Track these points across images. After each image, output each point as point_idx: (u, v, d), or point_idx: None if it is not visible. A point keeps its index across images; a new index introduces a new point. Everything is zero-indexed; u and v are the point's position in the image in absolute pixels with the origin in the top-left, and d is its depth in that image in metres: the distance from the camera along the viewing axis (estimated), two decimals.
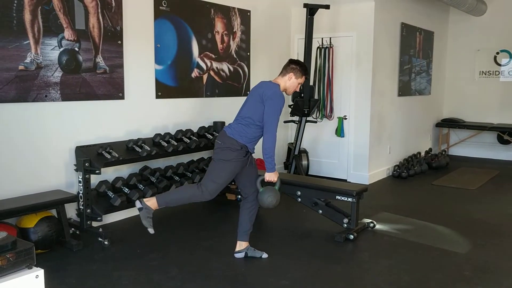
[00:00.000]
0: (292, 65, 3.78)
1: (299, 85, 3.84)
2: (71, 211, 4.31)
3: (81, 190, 4.17)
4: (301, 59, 6.43)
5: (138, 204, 3.68)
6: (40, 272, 2.30)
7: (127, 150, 4.56)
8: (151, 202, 3.67)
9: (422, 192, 6.29)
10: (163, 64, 5.16)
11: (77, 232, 4.24)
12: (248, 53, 6.28)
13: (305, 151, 6.80)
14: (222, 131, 3.76)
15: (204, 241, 4.22)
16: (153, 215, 4.99)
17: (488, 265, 3.75)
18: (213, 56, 5.76)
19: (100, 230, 4.13)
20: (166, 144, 4.85)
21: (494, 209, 5.43)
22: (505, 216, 5.16)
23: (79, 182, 4.18)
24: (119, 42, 4.65)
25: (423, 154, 8.25)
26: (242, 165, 3.68)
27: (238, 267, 3.68)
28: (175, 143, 4.90)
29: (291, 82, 3.77)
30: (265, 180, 3.71)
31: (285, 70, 3.79)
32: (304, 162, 6.70)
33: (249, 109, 3.67)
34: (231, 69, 6.05)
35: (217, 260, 3.79)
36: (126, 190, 4.47)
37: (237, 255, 3.83)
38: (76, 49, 4.29)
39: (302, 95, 6.18)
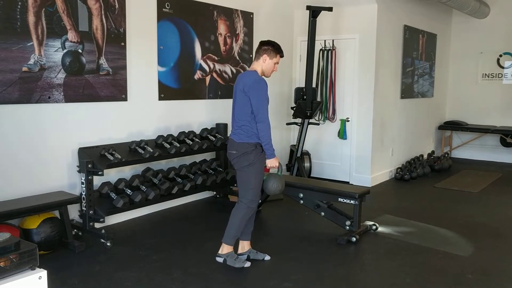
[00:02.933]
0: (264, 46, 3.67)
1: (276, 65, 3.73)
2: (73, 212, 4.32)
3: (83, 191, 4.18)
4: (304, 61, 6.44)
5: (219, 259, 3.71)
6: (43, 273, 2.31)
7: (130, 152, 4.57)
8: (226, 248, 3.70)
9: (424, 195, 6.27)
10: (166, 66, 5.17)
11: (80, 233, 4.25)
12: (251, 55, 6.29)
13: (307, 153, 6.80)
14: (230, 140, 3.70)
15: (206, 243, 4.22)
16: (154, 217, 5.02)
17: (491, 268, 3.74)
18: (216, 58, 5.77)
19: (103, 231, 4.13)
20: (169, 146, 4.86)
21: (496, 212, 5.42)
22: (507, 219, 5.14)
23: (82, 183, 4.19)
24: (122, 44, 4.66)
25: (425, 156, 8.24)
26: (264, 161, 3.65)
27: (241, 269, 3.67)
28: (178, 145, 4.90)
29: (266, 64, 3.67)
30: (267, 167, 3.68)
31: (258, 53, 3.70)
32: (307, 164, 6.70)
33: (240, 107, 3.62)
34: (234, 71, 6.06)
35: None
36: (128, 191, 4.48)
37: (239, 257, 3.82)
38: (80, 50, 4.31)
39: (305, 97, 6.19)
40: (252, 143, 3.58)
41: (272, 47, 3.67)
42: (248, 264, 3.71)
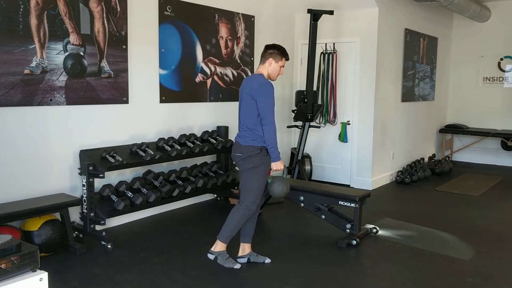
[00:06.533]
0: (269, 50, 3.69)
1: (282, 68, 3.75)
2: (74, 214, 4.33)
3: (84, 194, 4.19)
4: (305, 64, 6.46)
5: (210, 256, 3.74)
6: (44, 275, 2.32)
7: (131, 154, 4.58)
8: (219, 246, 3.74)
9: (425, 198, 6.27)
10: (167, 69, 5.19)
11: (81, 235, 4.25)
12: (252, 58, 6.31)
13: (308, 156, 6.80)
14: (235, 143, 3.73)
15: (207, 246, 4.21)
16: (155, 219, 5.03)
17: (491, 272, 3.74)
18: (217, 61, 5.78)
19: (104, 233, 4.14)
20: (170, 149, 4.87)
21: (497, 216, 5.42)
22: (508, 223, 5.14)
23: (83, 185, 4.20)
24: (124, 46, 4.68)
25: (426, 160, 8.24)
26: (269, 164, 3.67)
27: (241, 272, 3.68)
28: (179, 148, 4.91)
29: (272, 67, 3.69)
30: (272, 170, 3.69)
31: (263, 57, 3.72)
32: (307, 167, 6.70)
33: (247, 111, 3.64)
34: (235, 74, 6.07)
35: (220, 264, 3.78)
36: (129, 194, 4.49)
37: (239, 260, 3.83)
38: (81, 53, 4.32)
39: (306, 100, 6.20)
40: (258, 146, 3.61)
41: (278, 51, 3.69)
42: (238, 265, 3.72)
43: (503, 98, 8.81)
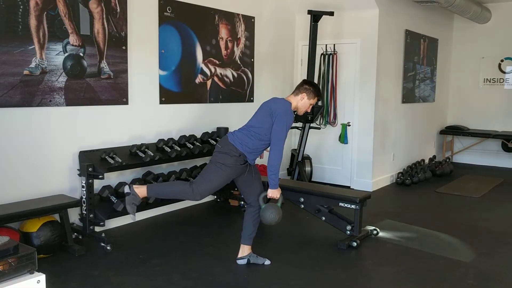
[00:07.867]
0: (306, 85, 3.82)
1: (311, 106, 3.86)
2: (74, 215, 4.32)
3: (84, 195, 4.17)
4: (305, 66, 6.44)
5: (126, 188, 3.68)
6: (42, 277, 2.31)
7: (131, 155, 4.56)
8: (140, 190, 3.68)
9: (425, 200, 6.26)
10: (167, 70, 5.18)
11: (80, 237, 4.24)
12: (252, 59, 6.30)
13: (308, 158, 6.79)
14: (225, 136, 3.78)
15: (206, 247, 4.21)
16: (155, 220, 5.02)
17: (493, 274, 3.73)
18: (217, 62, 5.77)
19: (103, 235, 4.13)
20: (169, 150, 4.85)
21: (498, 217, 5.40)
22: (509, 224, 5.13)
23: (82, 187, 4.19)
24: (124, 47, 4.67)
25: (427, 161, 8.22)
26: (238, 173, 3.69)
27: (241, 274, 3.67)
28: (178, 149, 4.90)
29: (303, 102, 3.80)
30: (268, 197, 3.72)
31: (298, 90, 3.82)
32: (308, 169, 6.69)
33: (257, 120, 3.69)
34: (235, 75, 6.06)
35: (219, 266, 3.78)
36: None
37: (239, 262, 3.82)
38: (81, 54, 4.31)
39: None
40: (239, 150, 3.62)
41: (314, 89, 3.82)
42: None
43: (503, 100, 8.80)
